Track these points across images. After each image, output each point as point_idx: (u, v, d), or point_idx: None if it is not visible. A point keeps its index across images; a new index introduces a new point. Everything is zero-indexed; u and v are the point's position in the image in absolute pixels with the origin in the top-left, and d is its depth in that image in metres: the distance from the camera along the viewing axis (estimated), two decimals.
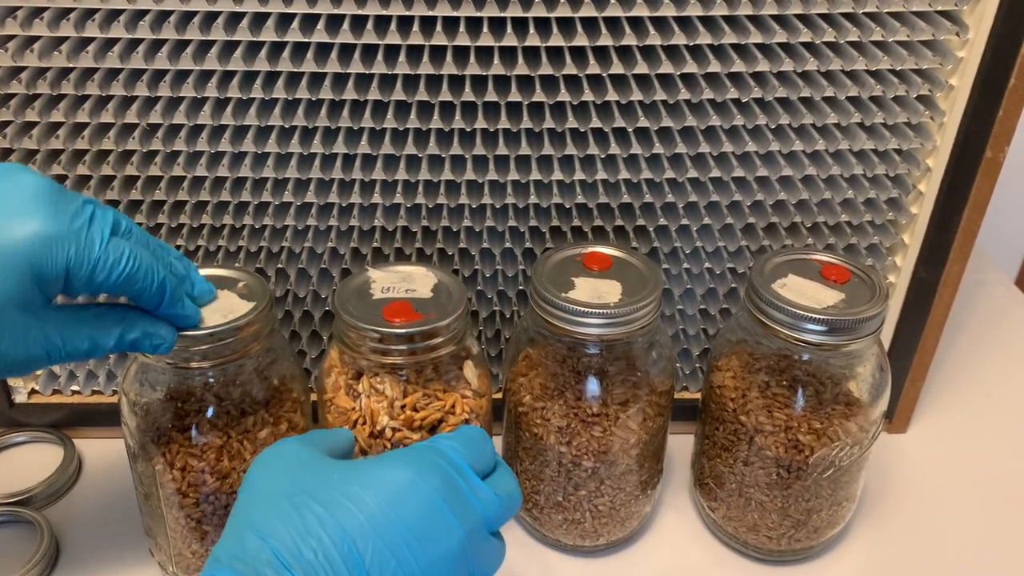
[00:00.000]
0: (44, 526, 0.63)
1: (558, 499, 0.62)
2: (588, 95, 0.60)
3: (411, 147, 0.62)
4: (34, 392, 0.72)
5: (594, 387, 0.59)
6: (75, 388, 0.72)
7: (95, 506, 0.67)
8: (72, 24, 0.56)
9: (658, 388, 0.60)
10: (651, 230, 0.67)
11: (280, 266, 0.67)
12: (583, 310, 0.56)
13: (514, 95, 0.60)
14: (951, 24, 0.59)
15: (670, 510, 0.69)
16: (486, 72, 0.59)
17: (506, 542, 0.47)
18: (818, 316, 0.55)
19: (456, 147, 0.62)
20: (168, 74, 0.59)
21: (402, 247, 0.67)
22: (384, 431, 0.55)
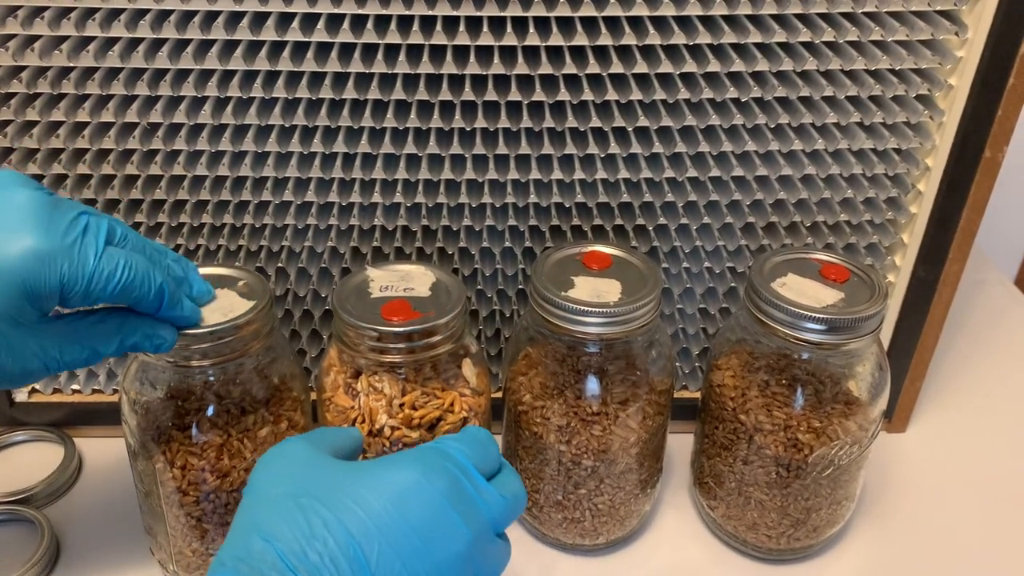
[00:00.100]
0: (44, 525, 0.63)
1: (558, 498, 0.62)
2: (588, 94, 0.60)
3: (411, 146, 0.62)
4: (34, 391, 0.72)
5: (594, 386, 0.59)
6: (75, 387, 0.72)
7: (95, 505, 0.67)
8: (73, 23, 0.56)
9: (658, 387, 0.60)
10: (651, 229, 0.67)
11: (280, 265, 0.67)
12: (583, 309, 0.56)
13: (514, 94, 0.60)
14: (950, 24, 0.59)
15: (670, 509, 0.69)
16: (486, 71, 0.59)
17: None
18: (817, 315, 0.55)
19: (456, 146, 0.62)
20: (168, 73, 0.59)
21: (402, 246, 0.67)
22: (383, 429, 0.55)
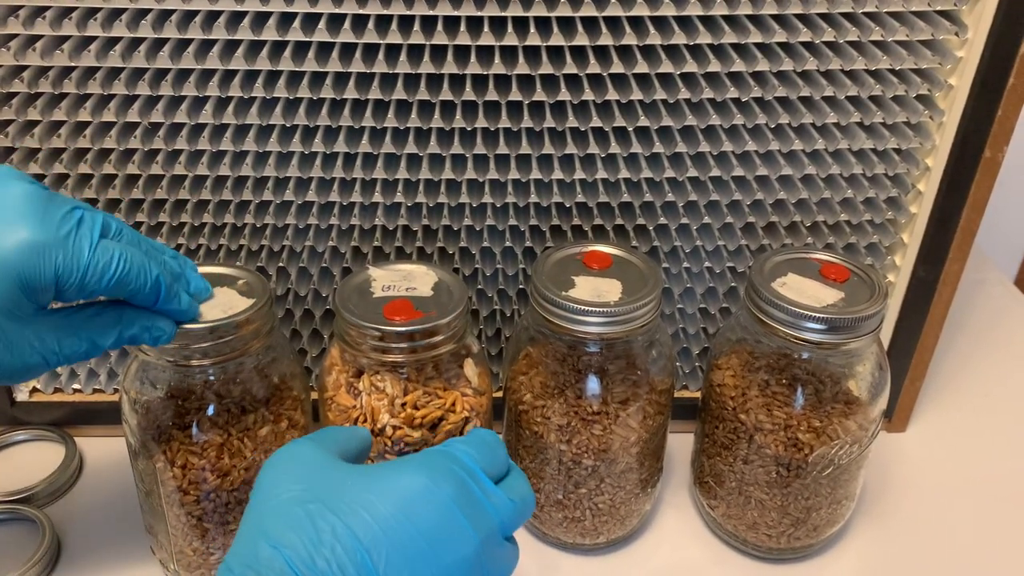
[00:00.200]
0: (45, 524, 0.63)
1: (558, 497, 0.62)
2: (588, 94, 0.60)
3: (412, 146, 0.62)
4: (35, 390, 0.72)
5: (594, 385, 0.59)
6: (76, 386, 0.72)
7: (96, 504, 0.67)
8: (74, 23, 0.56)
9: (658, 386, 0.60)
10: (651, 229, 0.67)
11: (281, 265, 0.67)
12: (583, 308, 0.56)
13: (515, 94, 0.60)
14: (950, 24, 0.59)
15: (670, 508, 0.69)
16: (487, 71, 0.59)
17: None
18: (818, 315, 0.55)
19: (457, 146, 0.62)
20: (170, 73, 0.59)
21: (403, 246, 0.67)
22: (385, 429, 0.55)
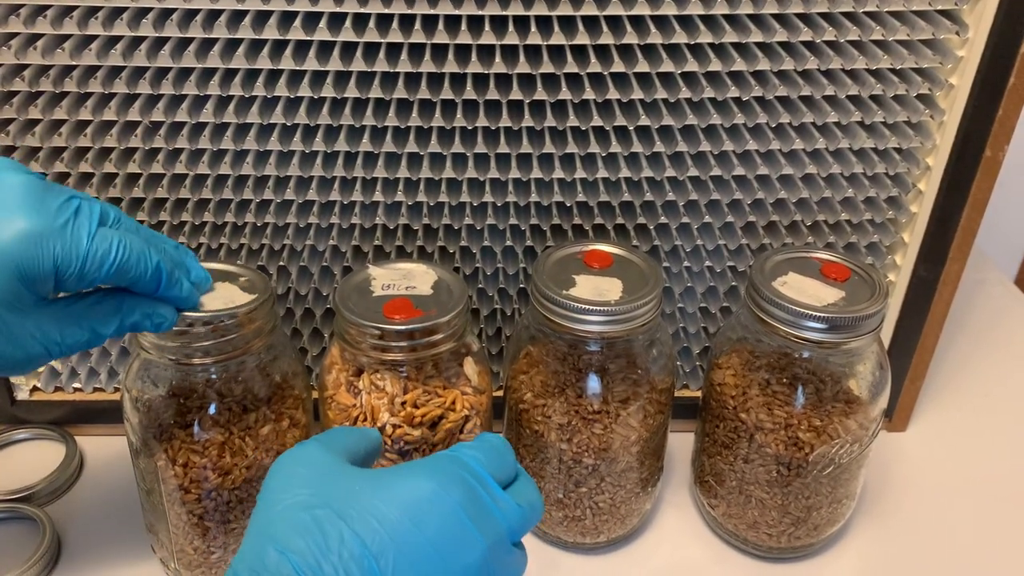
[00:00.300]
0: (46, 523, 0.63)
1: (559, 496, 0.62)
2: (589, 93, 0.60)
3: (413, 145, 0.62)
4: (36, 389, 0.72)
5: (595, 384, 0.59)
6: (77, 385, 0.72)
7: (97, 503, 0.67)
8: (75, 22, 0.57)
9: (658, 386, 0.60)
10: (652, 228, 0.67)
11: (282, 263, 0.67)
12: (584, 307, 0.56)
13: (516, 93, 0.60)
14: (951, 23, 0.59)
15: (670, 507, 0.69)
16: (488, 70, 0.59)
17: None
18: (818, 314, 0.55)
19: (458, 145, 0.62)
20: (171, 72, 0.59)
21: (403, 245, 0.67)
22: (385, 427, 0.55)
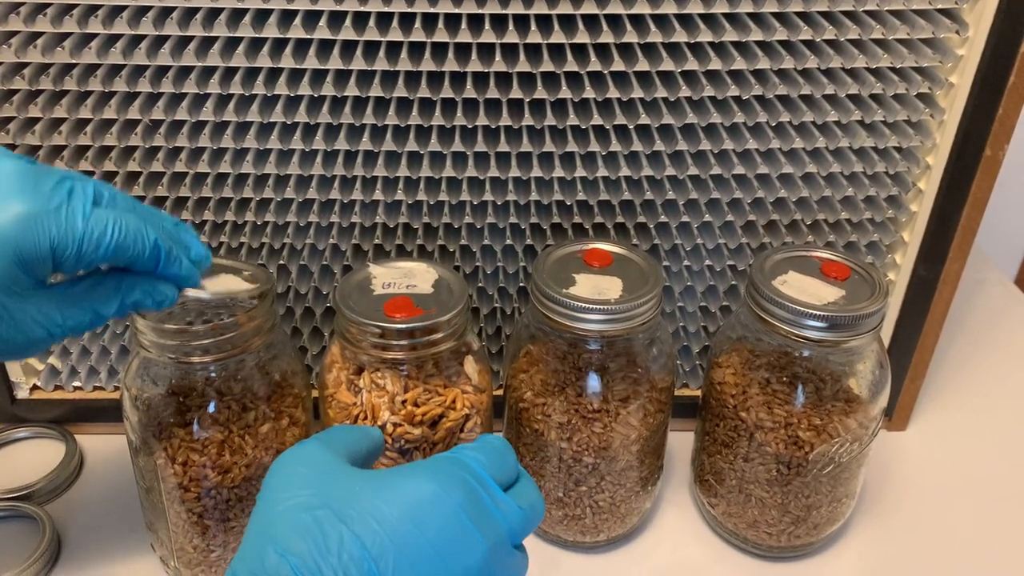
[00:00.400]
0: (46, 521, 0.63)
1: (559, 495, 0.62)
2: (589, 92, 0.60)
3: (413, 144, 0.62)
4: (36, 388, 0.72)
5: (595, 383, 0.59)
6: (77, 384, 0.72)
7: (97, 501, 0.67)
8: (75, 20, 0.57)
9: (658, 384, 0.60)
10: (652, 227, 0.67)
11: (282, 262, 0.67)
12: (584, 306, 0.56)
13: (516, 92, 0.60)
14: (951, 22, 0.59)
15: (670, 506, 0.69)
16: (488, 69, 0.59)
17: None
18: (818, 312, 0.55)
19: (458, 144, 0.62)
20: (171, 70, 0.59)
21: (404, 243, 0.67)
22: (385, 426, 0.55)
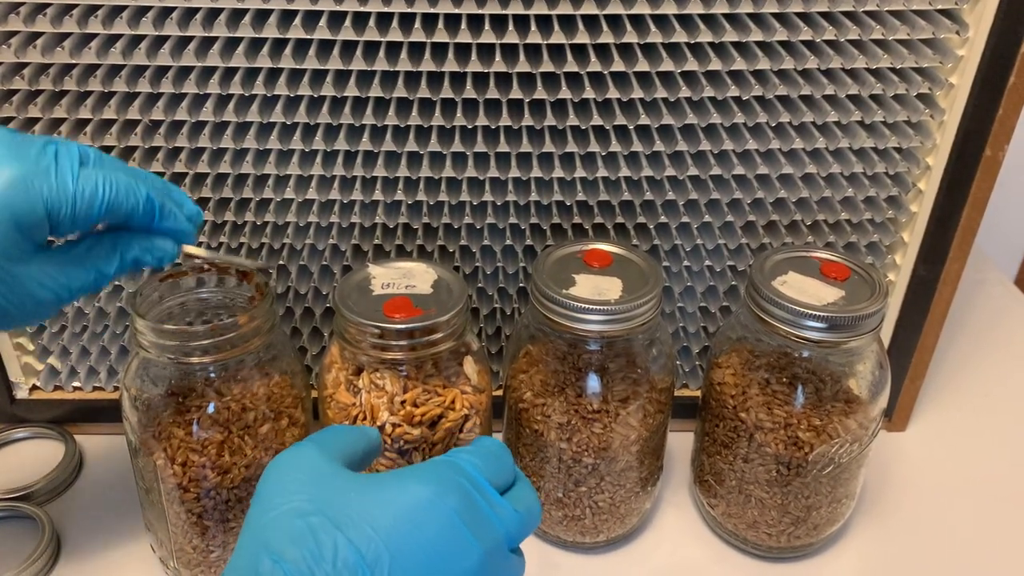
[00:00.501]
0: (45, 521, 0.63)
1: (558, 495, 0.62)
2: (589, 92, 0.60)
3: (413, 144, 0.62)
4: (35, 388, 0.72)
5: (594, 384, 0.59)
6: (76, 384, 0.72)
7: (96, 501, 0.67)
8: (75, 20, 0.57)
9: (658, 385, 0.60)
10: (652, 227, 0.67)
11: (281, 262, 0.67)
12: (584, 307, 0.56)
13: (515, 92, 0.60)
14: (951, 22, 0.59)
15: (670, 507, 0.69)
16: (488, 69, 0.59)
17: None
18: (818, 313, 0.55)
19: (458, 144, 0.62)
20: (170, 70, 0.59)
21: (403, 244, 0.67)
22: (384, 427, 0.55)
